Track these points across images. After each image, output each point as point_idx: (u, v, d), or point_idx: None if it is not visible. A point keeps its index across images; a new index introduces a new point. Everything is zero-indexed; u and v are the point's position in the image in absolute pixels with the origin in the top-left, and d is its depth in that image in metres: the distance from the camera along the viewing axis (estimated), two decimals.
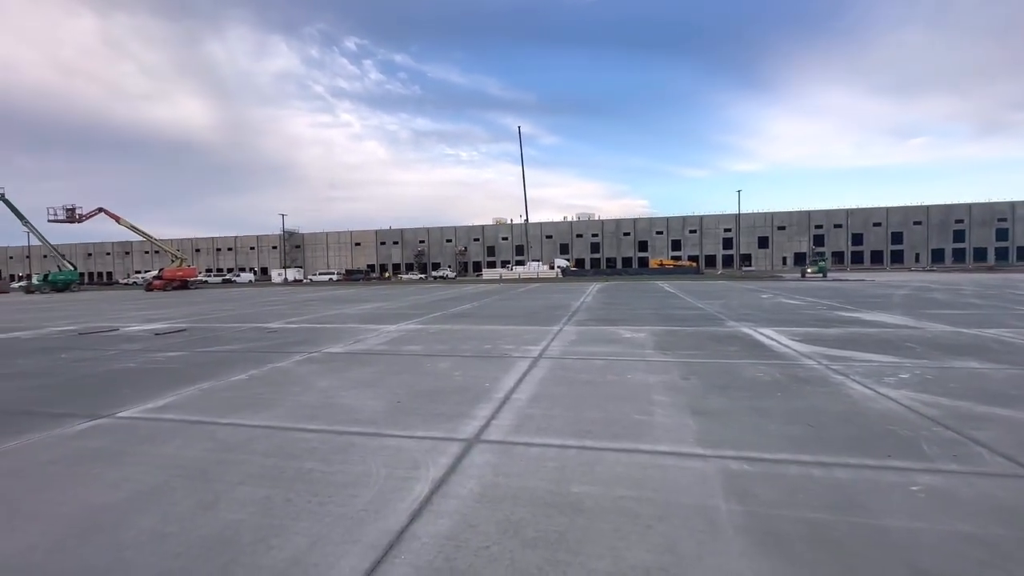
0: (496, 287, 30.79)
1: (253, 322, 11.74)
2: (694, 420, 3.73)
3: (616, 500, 2.51)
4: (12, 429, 3.89)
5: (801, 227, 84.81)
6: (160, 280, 39.83)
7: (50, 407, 4.56)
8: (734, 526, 2.25)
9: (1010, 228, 77.45)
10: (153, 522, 2.40)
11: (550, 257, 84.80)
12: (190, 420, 4.01)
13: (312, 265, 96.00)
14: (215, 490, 2.73)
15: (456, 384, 5.03)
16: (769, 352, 6.42)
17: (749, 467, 2.88)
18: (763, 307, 12.82)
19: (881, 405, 4.02)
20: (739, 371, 5.34)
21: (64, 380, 5.72)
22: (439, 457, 3.13)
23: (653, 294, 19.60)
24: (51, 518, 2.46)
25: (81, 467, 3.09)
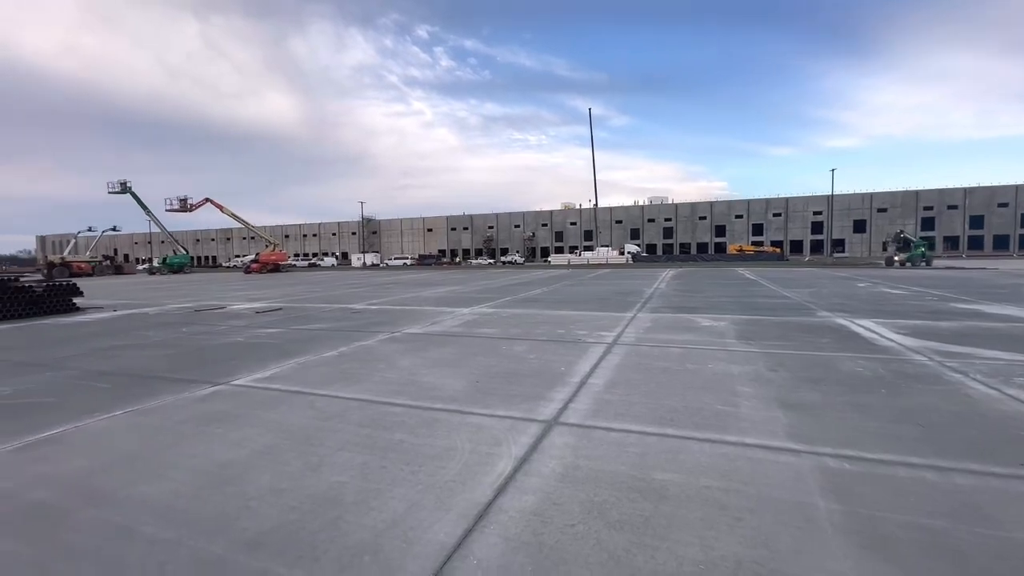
0: (565, 273, 30.62)
1: (338, 303, 12.58)
2: (784, 413, 3.53)
3: (702, 490, 2.46)
4: (149, 391, 4.49)
5: (907, 209, 76.11)
6: (257, 264, 43.67)
7: (177, 374, 5.20)
8: (834, 525, 2.12)
9: None
10: (270, 478, 2.69)
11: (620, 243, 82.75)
12: (292, 390, 4.41)
13: (387, 250, 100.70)
14: (319, 454, 2.99)
15: (532, 367, 5.11)
16: (869, 345, 5.89)
17: (849, 466, 2.69)
18: (860, 296, 11.73)
19: (1009, 407, 3.58)
20: (834, 364, 4.96)
21: (186, 351, 6.49)
22: (519, 436, 3.22)
23: (732, 281, 18.57)
24: (188, 469, 2.83)
25: (208, 427, 3.51)
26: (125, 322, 9.80)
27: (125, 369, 5.47)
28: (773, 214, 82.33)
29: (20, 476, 2.79)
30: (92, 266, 46.29)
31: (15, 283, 11.20)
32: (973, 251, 71.05)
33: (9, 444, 3.28)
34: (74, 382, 4.93)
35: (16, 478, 2.76)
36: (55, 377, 5.15)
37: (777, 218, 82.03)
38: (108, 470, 2.84)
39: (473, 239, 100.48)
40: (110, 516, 2.33)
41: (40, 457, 3.05)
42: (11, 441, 3.32)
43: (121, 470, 2.83)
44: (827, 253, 75.02)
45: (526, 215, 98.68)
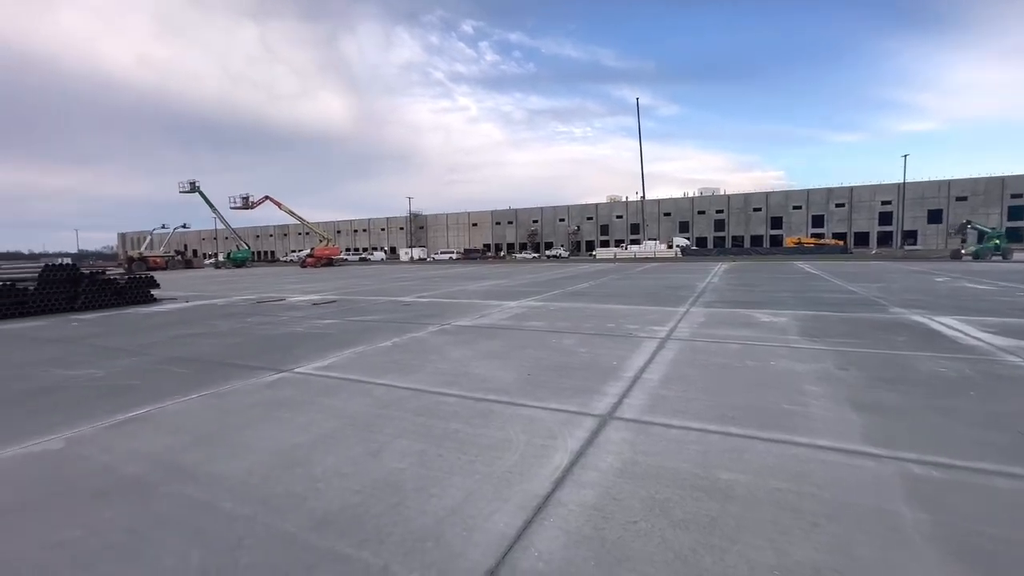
0: (611, 267, 30.13)
1: (389, 296, 12.94)
2: (858, 415, 3.31)
3: (772, 492, 2.34)
4: (220, 376, 4.78)
5: (990, 197, 69.50)
6: (312, 258, 45.65)
7: (245, 361, 5.51)
8: (923, 535, 1.96)
9: None
10: (335, 462, 2.79)
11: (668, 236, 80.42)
12: (351, 379, 4.57)
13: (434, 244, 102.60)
14: (378, 440, 3.08)
15: (582, 360, 5.05)
16: (951, 344, 5.43)
17: (937, 473, 2.48)
18: (938, 292, 10.83)
19: None
20: (911, 364, 4.60)
21: (252, 339, 6.87)
22: (574, 430, 3.19)
23: (792, 275, 17.63)
24: (260, 451, 2.98)
25: (275, 412, 3.70)
26: (196, 312, 10.50)
27: (199, 356, 5.85)
28: (836, 204, 77.37)
29: (116, 451, 3.04)
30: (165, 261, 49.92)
31: (102, 276, 12.24)
32: None
33: (106, 421, 3.58)
34: (156, 367, 5.32)
35: (113, 452, 3.01)
36: (140, 362, 5.58)
37: (840, 208, 77.04)
38: (189, 449, 3.04)
39: (517, 233, 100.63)
40: (193, 492, 2.50)
41: (131, 434, 3.32)
42: (107, 419, 3.63)
43: (200, 449, 3.03)
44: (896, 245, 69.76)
45: (571, 208, 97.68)
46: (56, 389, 4.51)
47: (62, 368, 5.36)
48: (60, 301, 11.04)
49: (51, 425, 3.52)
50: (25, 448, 3.12)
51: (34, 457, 2.99)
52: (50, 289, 11.01)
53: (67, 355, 6.10)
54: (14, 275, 11.42)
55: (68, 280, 11.39)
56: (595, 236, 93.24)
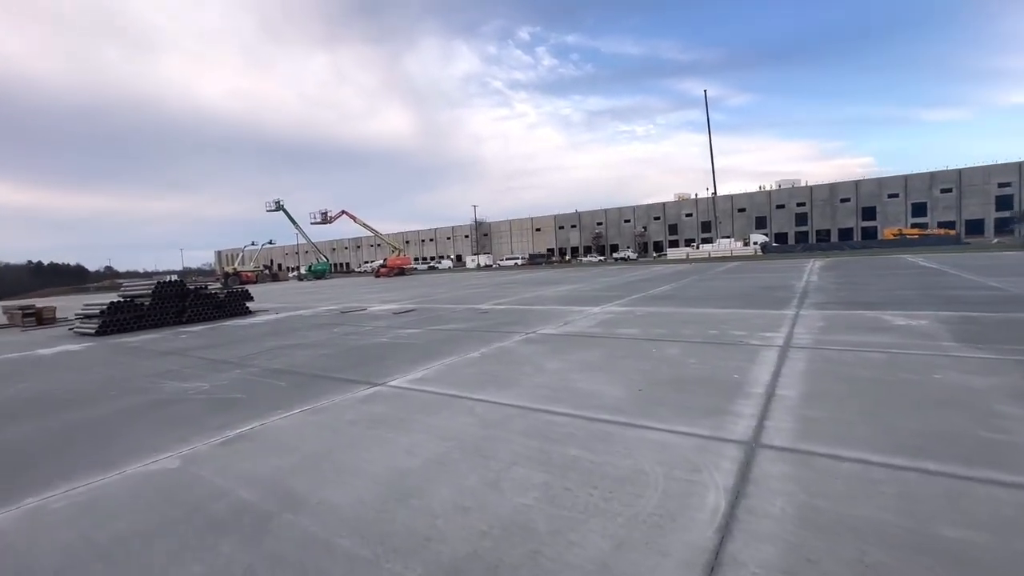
0: (687, 267, 28.62)
1: (465, 303, 12.89)
2: None
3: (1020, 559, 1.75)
4: (318, 389, 4.74)
5: None
6: (385, 268, 47.55)
7: (338, 373, 5.48)
8: None
9: None
10: (451, 493, 2.51)
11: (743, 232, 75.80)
12: (447, 394, 4.34)
13: (498, 251, 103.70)
14: (493, 468, 2.77)
15: (696, 373, 4.51)
16: None
17: None
18: None
19: None
20: None
21: (341, 350, 6.92)
22: (718, 460, 2.70)
23: (906, 270, 15.66)
24: (368, 476, 2.77)
25: (376, 430, 3.52)
26: (287, 323, 10.97)
27: (295, 367, 5.93)
28: (940, 190, 69.12)
29: (229, 472, 2.96)
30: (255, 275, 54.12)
31: (205, 291, 13.20)
32: None
33: (217, 437, 3.57)
34: (256, 379, 5.42)
35: (226, 474, 2.93)
36: (241, 375, 5.73)
37: (946, 194, 68.72)
38: (297, 472, 2.89)
39: (582, 236, 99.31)
40: (308, 524, 2.31)
41: (241, 453, 3.25)
42: (217, 435, 3.62)
43: (308, 472, 2.87)
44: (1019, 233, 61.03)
45: (636, 209, 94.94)
46: (171, 402, 4.66)
47: (176, 380, 5.61)
48: (170, 315, 11.99)
49: (168, 442, 3.55)
50: (145, 466, 3.13)
51: (153, 476, 2.98)
52: (162, 304, 11.99)
53: (178, 367, 6.42)
54: (134, 292, 12.57)
55: (177, 295, 12.35)
56: (663, 236, 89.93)
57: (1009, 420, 3.00)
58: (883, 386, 3.81)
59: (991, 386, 3.65)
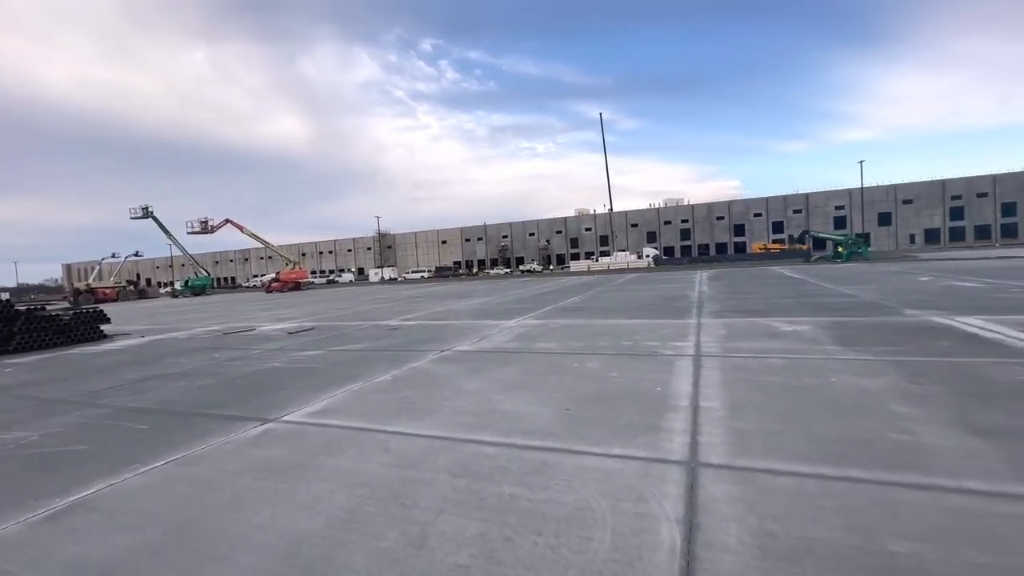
0: (591, 279, 29.86)
1: (371, 320, 12.03)
2: (986, 443, 2.79)
3: (975, 569, 1.75)
4: (194, 431, 3.90)
5: (932, 200, 73.75)
6: (278, 282, 43.67)
7: (219, 408, 4.62)
8: None
9: None
10: (366, 561, 2.04)
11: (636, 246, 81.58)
12: (355, 427, 3.78)
13: (403, 264, 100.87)
14: (417, 520, 2.35)
15: (620, 387, 4.43)
16: (1003, 349, 5.08)
17: None
18: (933, 291, 10.80)
19: None
20: (986, 374, 4.18)
21: (223, 380, 5.94)
22: (663, 485, 2.54)
23: (777, 280, 17.64)
24: (259, 547, 2.20)
25: (268, 481, 2.90)
26: (155, 349, 9.36)
27: (162, 404, 4.92)
28: (793, 211, 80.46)
29: (50, 564, 2.19)
30: (116, 291, 46.81)
31: (41, 312, 10.89)
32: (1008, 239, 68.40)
33: (39, 511, 2.69)
34: (107, 423, 4.38)
35: (45, 567, 2.16)
36: (86, 417, 4.61)
37: (797, 215, 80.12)
38: (156, 553, 2.22)
39: (488, 249, 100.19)
40: None
41: (73, 530, 2.46)
42: (36, 509, 2.74)
43: (172, 551, 2.22)
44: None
45: (540, 223, 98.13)
46: None
47: None
48: None
49: None
50: None
51: None
52: None
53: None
54: None
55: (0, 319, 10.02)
56: (565, 249, 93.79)
57: (907, 420, 3.22)
58: (792, 392, 3.99)
59: (881, 387, 3.98)
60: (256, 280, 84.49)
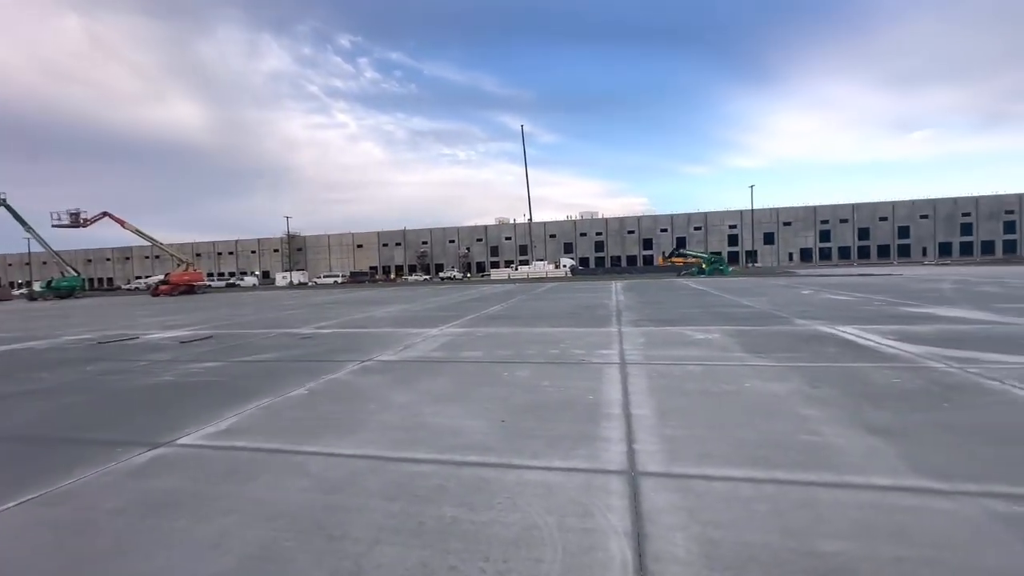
0: (512, 287, 30.15)
1: (280, 327, 11.10)
2: (880, 440, 3.10)
3: (898, 564, 1.89)
4: (59, 462, 3.25)
5: (807, 223, 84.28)
6: (167, 285, 39.11)
7: (94, 432, 3.93)
8: None
9: (1018, 220, 76.96)
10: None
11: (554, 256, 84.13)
12: (267, 448, 3.37)
13: (314, 268, 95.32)
14: (348, 553, 2.09)
15: (553, 397, 4.40)
16: (878, 354, 5.79)
17: (1020, 509, 2.25)
18: (815, 303, 12.19)
19: None
20: (868, 377, 4.72)
21: (99, 397, 5.09)
22: (606, 497, 2.51)
23: (684, 291, 18.97)
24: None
25: (161, 519, 2.45)
26: (4, 361, 7.85)
27: (13, 430, 4.08)
28: (694, 228, 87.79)
29: None
30: None
31: None
32: (862, 259, 79.93)
33: None
34: None
35: None
36: None
37: (698, 231, 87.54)
38: None
39: (406, 255, 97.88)
40: None
41: None
42: None
43: None
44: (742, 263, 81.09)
45: (460, 230, 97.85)
46: None
47: None
48: None
49: None
50: None
51: None
52: None
53: None
54: None
55: None
56: (485, 257, 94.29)
57: (814, 422, 3.51)
58: (714, 398, 4.21)
59: (788, 391, 4.32)
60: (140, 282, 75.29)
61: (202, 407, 4.51)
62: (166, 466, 3.15)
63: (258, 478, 2.89)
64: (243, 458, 3.22)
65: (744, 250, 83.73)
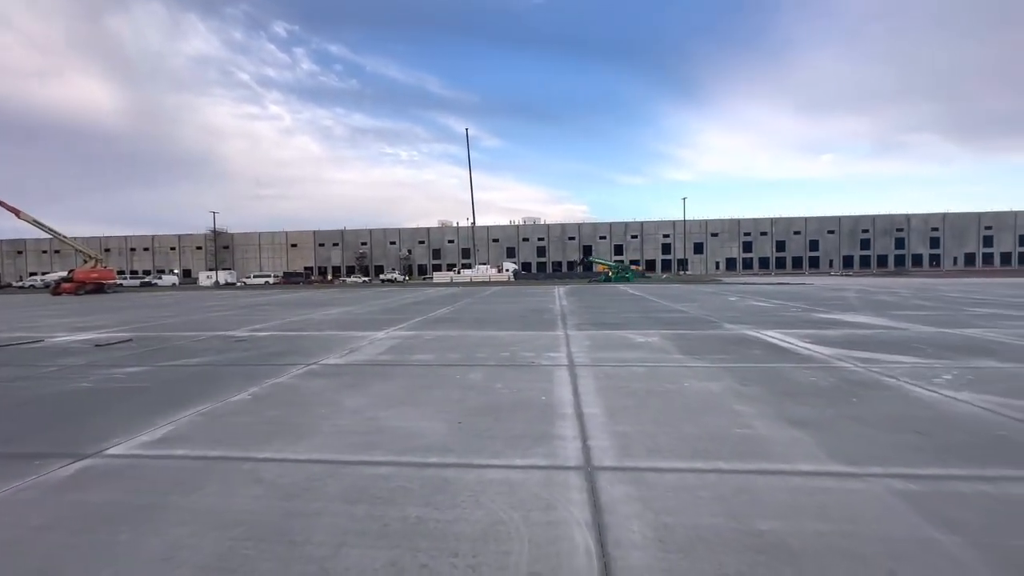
0: (456, 291, 30.00)
1: (210, 330, 10.41)
2: (802, 432, 3.47)
3: (821, 538, 2.15)
4: None
5: (732, 234, 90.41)
6: (71, 283, 35.29)
7: (4, 445, 3.54)
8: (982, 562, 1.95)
9: (906, 237, 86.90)
10: None
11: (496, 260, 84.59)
12: (213, 456, 3.22)
13: (243, 267, 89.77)
14: (314, 557, 2.07)
15: (508, 399, 4.50)
16: (796, 355, 6.39)
17: (915, 486, 2.62)
18: (741, 309, 13.17)
19: (962, 409, 3.97)
20: (789, 376, 5.21)
21: (5, 406, 4.58)
22: (567, 492, 2.63)
23: (623, 297, 19.77)
24: None
25: (98, 534, 2.29)
26: None
27: None
28: (631, 236, 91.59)
29: None
30: None
31: None
32: (779, 269, 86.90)
33: None
34: None
35: None
36: None
37: (634, 240, 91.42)
38: None
39: (344, 256, 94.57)
40: None
41: None
42: None
43: None
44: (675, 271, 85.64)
45: (402, 231, 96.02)
46: None
47: None
48: None
49: None
50: None
51: None
52: None
53: None
54: None
55: None
56: (427, 260, 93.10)
57: (746, 417, 3.84)
58: (658, 397, 4.49)
59: (722, 389, 4.69)
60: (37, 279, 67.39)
61: (130, 415, 4.19)
62: (97, 478, 2.92)
63: (207, 487, 2.76)
64: (187, 467, 3.05)
65: (676, 258, 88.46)
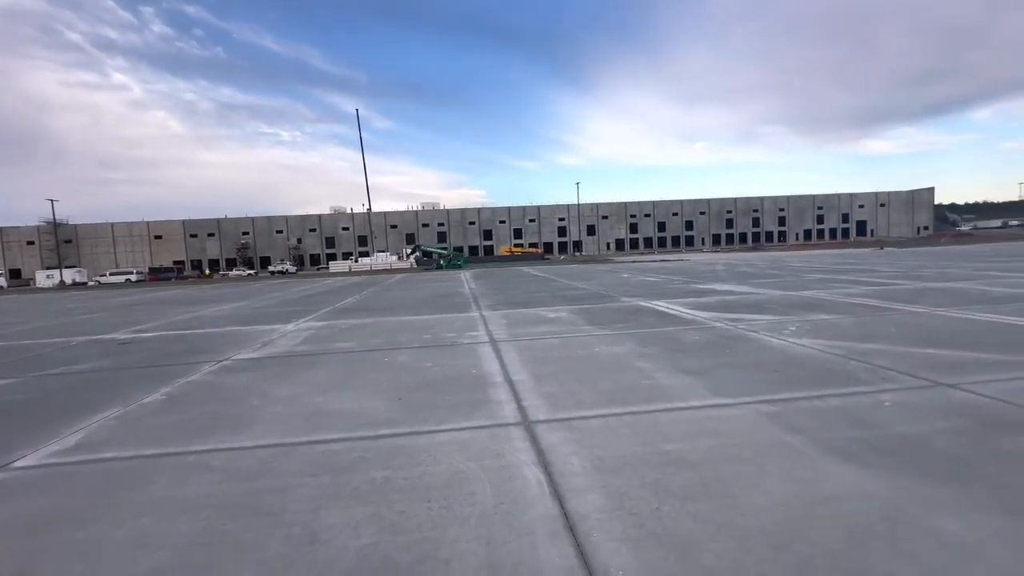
0: (358, 280, 28.94)
1: (80, 335, 9.17)
2: (693, 379, 4.23)
3: (710, 450, 2.79)
4: None
5: (620, 216, 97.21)
6: None
7: None
8: (814, 449, 2.70)
9: (760, 217, 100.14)
10: (259, 572, 1.90)
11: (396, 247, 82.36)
12: (148, 455, 3.12)
13: (92, 263, 77.30)
14: (296, 521, 2.24)
15: (440, 375, 4.79)
16: (682, 320, 7.44)
17: (773, 408, 3.42)
18: (633, 284, 14.59)
19: (802, 351, 5.07)
20: (678, 336, 6.13)
21: None
22: (512, 442, 3.04)
23: (528, 278, 20.66)
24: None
25: (49, 536, 2.22)
26: None
27: None
28: (529, 220, 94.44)
29: None
30: None
31: None
32: (662, 248, 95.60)
33: None
34: None
35: None
36: None
37: (532, 223, 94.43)
38: None
39: (223, 247, 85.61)
40: None
41: None
42: None
43: None
44: (570, 253, 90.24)
45: (289, 219, 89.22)
46: None
47: None
48: None
49: None
50: None
51: None
52: None
53: None
54: None
55: None
56: (320, 249, 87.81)
57: (648, 371, 4.55)
58: (576, 361, 5.07)
59: (625, 351, 5.41)
60: None
61: (25, 428, 3.79)
62: (19, 489, 2.72)
63: (154, 482, 2.72)
64: (122, 467, 2.94)
65: (572, 240, 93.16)
